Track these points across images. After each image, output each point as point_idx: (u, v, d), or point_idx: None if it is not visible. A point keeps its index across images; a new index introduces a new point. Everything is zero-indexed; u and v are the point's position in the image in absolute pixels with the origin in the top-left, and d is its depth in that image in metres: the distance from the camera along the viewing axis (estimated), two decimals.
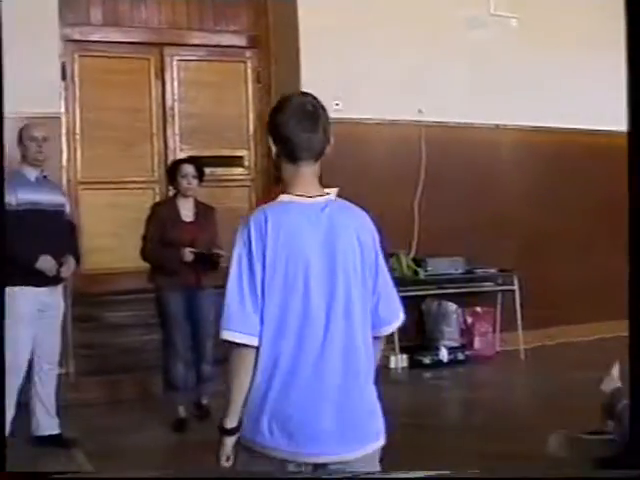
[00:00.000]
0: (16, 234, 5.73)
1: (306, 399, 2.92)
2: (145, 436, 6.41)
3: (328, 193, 3.07)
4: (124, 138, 8.67)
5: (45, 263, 5.93)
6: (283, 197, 3.02)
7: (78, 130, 8.45)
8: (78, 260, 6.30)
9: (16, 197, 5.86)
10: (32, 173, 6.11)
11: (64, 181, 7.78)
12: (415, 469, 2.81)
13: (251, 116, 9.16)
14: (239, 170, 9.18)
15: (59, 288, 6.21)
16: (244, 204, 8.82)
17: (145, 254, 6.62)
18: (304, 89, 8.12)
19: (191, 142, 8.84)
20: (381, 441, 3.05)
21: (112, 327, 8.09)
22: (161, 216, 6.61)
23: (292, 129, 3.01)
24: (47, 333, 6.09)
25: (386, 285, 3.18)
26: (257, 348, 2.90)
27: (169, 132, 8.76)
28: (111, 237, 8.45)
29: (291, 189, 3.03)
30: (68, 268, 6.10)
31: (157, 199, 8.29)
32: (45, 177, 6.24)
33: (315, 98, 3.12)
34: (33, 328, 5.97)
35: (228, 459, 2.99)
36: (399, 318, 3.23)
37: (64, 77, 8.25)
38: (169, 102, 8.88)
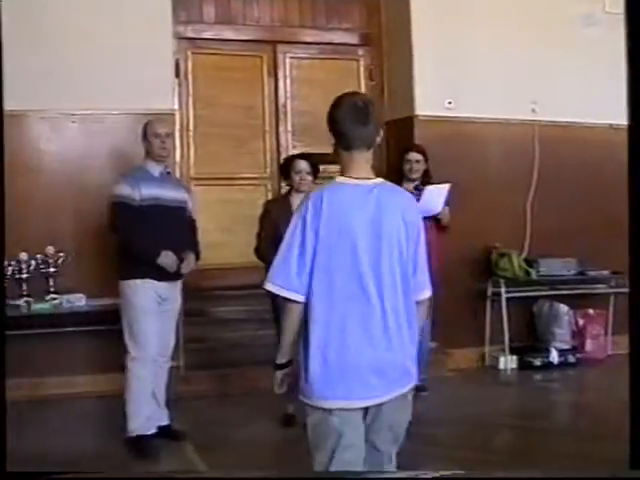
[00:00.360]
0: (139, 229, 6.00)
1: (357, 354, 3.45)
2: (253, 430, 6.48)
3: (377, 178, 3.61)
4: (237, 135, 8.80)
5: (166, 259, 6.03)
6: (338, 179, 3.60)
7: (191, 127, 8.62)
8: (198, 257, 6.39)
9: (140, 192, 6.02)
10: (156, 169, 6.22)
11: (177, 177, 7.86)
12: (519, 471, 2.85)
13: None
14: None
15: (178, 283, 6.30)
16: None
17: (260, 253, 6.55)
18: (417, 87, 8.45)
19: (303, 139, 8.91)
20: (413, 383, 3.63)
21: (223, 322, 8.22)
22: (274, 214, 6.54)
23: (346, 123, 3.55)
24: (164, 327, 6.18)
25: (423, 260, 3.70)
26: (304, 305, 3.48)
27: (281, 129, 8.84)
28: (223, 233, 8.61)
29: (345, 173, 3.58)
30: (188, 264, 6.20)
31: (269, 196, 8.37)
32: (168, 173, 6.38)
33: (365, 96, 3.78)
34: (156, 320, 6.08)
35: (281, 386, 3.68)
36: (428, 288, 3.75)
37: (177, 74, 8.41)
38: (281, 99, 8.99)
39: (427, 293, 3.76)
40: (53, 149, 7.67)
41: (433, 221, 7.37)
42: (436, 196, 7.29)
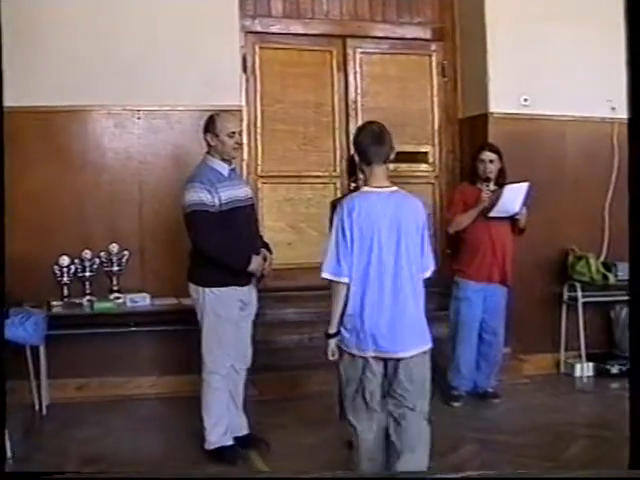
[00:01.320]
0: (225, 237, 5.82)
1: (385, 317, 4.70)
2: (319, 435, 6.46)
3: (394, 186, 4.84)
4: (305, 132, 8.76)
5: (255, 264, 5.94)
6: (364, 188, 4.86)
7: (259, 123, 8.55)
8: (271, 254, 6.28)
9: (219, 197, 5.82)
10: (225, 168, 5.98)
11: (244, 175, 7.86)
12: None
13: (436, 111, 9.08)
14: (423, 166, 9.08)
15: (255, 286, 6.20)
16: (427, 201, 8.56)
17: None
18: (491, 83, 8.38)
19: None
20: (429, 345, 4.82)
21: (291, 324, 8.21)
22: None
23: (367, 144, 4.84)
24: (243, 333, 6.11)
25: (428, 245, 4.87)
26: (348, 285, 4.71)
27: (351, 126, 8.62)
28: (290, 232, 8.60)
29: (369, 183, 4.83)
30: (268, 264, 6.12)
31: (338, 194, 8.26)
32: (234, 170, 6.15)
33: (381, 123, 4.95)
34: (237, 328, 6.01)
35: (333, 354, 4.86)
36: (432, 267, 4.90)
37: (245, 69, 8.36)
38: (351, 96, 8.86)
39: (430, 271, 4.90)
40: (117, 146, 7.69)
41: (509, 222, 7.35)
42: (515, 195, 7.23)
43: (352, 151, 8.04)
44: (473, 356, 7.50)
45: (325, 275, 4.78)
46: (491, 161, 7.36)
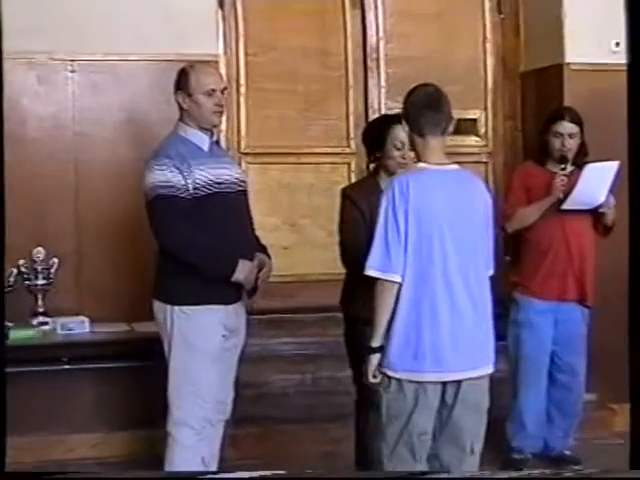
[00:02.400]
0: (198, 232, 5.73)
1: (448, 327, 4.86)
2: None
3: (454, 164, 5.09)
4: (306, 92, 8.62)
5: (244, 271, 5.77)
6: (419, 165, 5.03)
7: (242, 80, 8.43)
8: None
9: (193, 177, 5.69)
10: (205, 140, 5.86)
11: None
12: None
13: (489, 61, 8.95)
14: (470, 139, 8.96)
15: (244, 305, 6.09)
16: None
17: (349, 259, 6.17)
18: (568, 22, 8.25)
19: (401, 99, 8.43)
20: (491, 366, 5.07)
21: (284, 359, 8.13)
22: (362, 204, 6.12)
23: (420, 109, 5.04)
24: (224, 372, 5.97)
25: (493, 237, 5.15)
26: (399, 285, 4.87)
27: (370, 84, 8.61)
28: (287, 231, 8.52)
29: (423, 158, 5.02)
30: (266, 273, 5.98)
31: (353, 178, 8.22)
32: (217, 142, 6.07)
33: (437, 87, 5.15)
34: (217, 363, 5.86)
35: (375, 376, 5.00)
36: (491, 269, 5.14)
37: (222, 3, 8.22)
38: (371, 41, 8.72)
39: (491, 271, 5.14)
40: (43, 110, 7.54)
41: (591, 217, 7.11)
42: (600, 179, 6.98)
43: (371, 116, 8.35)
44: (542, 404, 7.31)
45: (370, 272, 4.90)
46: (571, 135, 7.09)
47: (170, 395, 5.81)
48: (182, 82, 5.87)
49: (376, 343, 4.95)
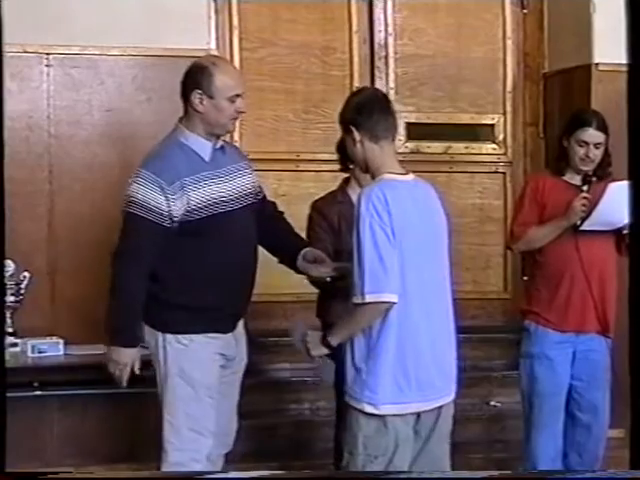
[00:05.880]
0: (136, 275, 5.65)
1: (430, 350, 4.90)
2: None
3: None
4: (307, 92, 8.55)
5: (118, 356, 5.76)
6: (385, 175, 4.92)
7: None
8: None
9: (183, 201, 5.51)
10: (207, 148, 5.67)
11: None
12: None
13: (509, 61, 8.77)
14: (487, 147, 8.85)
15: (244, 329, 6.04)
16: (494, 200, 8.60)
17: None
18: (597, 20, 8.09)
19: (413, 101, 8.64)
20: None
21: (281, 386, 8.08)
22: (325, 222, 6.48)
23: (374, 112, 4.96)
24: (224, 403, 5.89)
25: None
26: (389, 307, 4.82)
27: (378, 85, 8.37)
28: None
29: (379, 168, 4.96)
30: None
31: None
32: (221, 148, 5.83)
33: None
34: (217, 397, 5.80)
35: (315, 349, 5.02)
36: None
37: None
38: (379, 37, 8.59)
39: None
40: (15, 108, 7.35)
41: (613, 237, 6.81)
42: (625, 198, 6.56)
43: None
44: (559, 447, 7.01)
45: (367, 298, 4.73)
46: (597, 145, 6.74)
47: (167, 434, 5.70)
48: (203, 81, 5.64)
49: (335, 343, 4.91)
